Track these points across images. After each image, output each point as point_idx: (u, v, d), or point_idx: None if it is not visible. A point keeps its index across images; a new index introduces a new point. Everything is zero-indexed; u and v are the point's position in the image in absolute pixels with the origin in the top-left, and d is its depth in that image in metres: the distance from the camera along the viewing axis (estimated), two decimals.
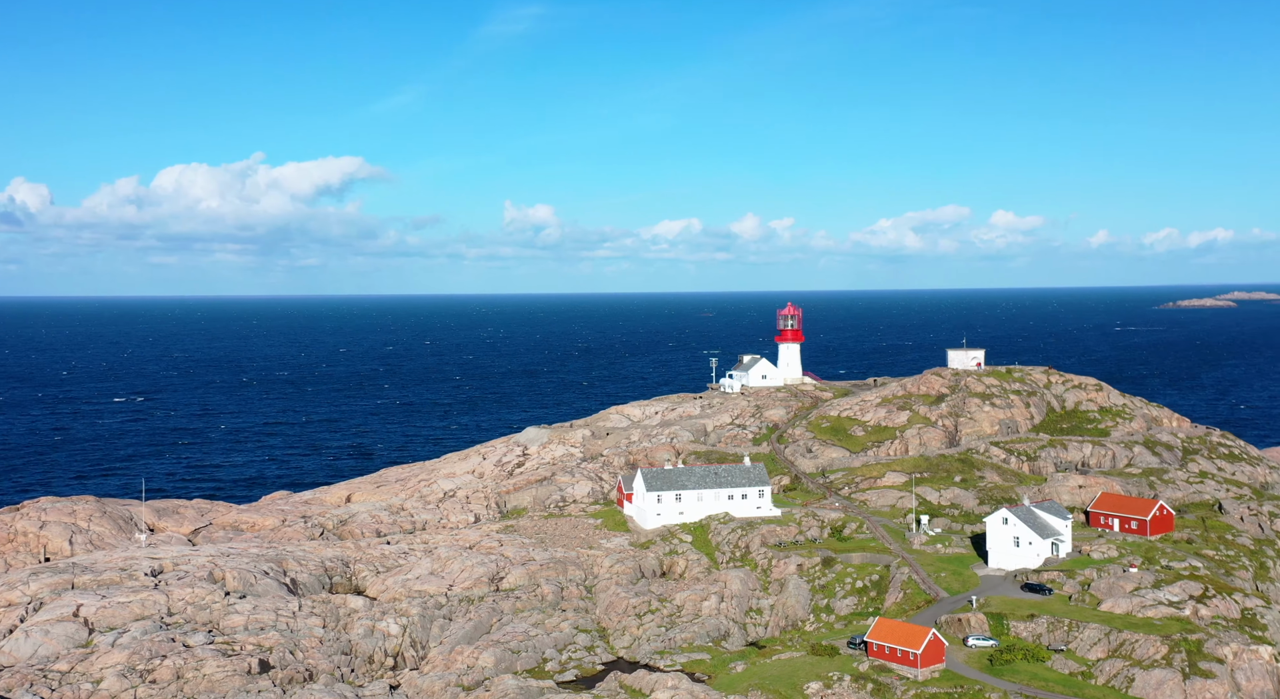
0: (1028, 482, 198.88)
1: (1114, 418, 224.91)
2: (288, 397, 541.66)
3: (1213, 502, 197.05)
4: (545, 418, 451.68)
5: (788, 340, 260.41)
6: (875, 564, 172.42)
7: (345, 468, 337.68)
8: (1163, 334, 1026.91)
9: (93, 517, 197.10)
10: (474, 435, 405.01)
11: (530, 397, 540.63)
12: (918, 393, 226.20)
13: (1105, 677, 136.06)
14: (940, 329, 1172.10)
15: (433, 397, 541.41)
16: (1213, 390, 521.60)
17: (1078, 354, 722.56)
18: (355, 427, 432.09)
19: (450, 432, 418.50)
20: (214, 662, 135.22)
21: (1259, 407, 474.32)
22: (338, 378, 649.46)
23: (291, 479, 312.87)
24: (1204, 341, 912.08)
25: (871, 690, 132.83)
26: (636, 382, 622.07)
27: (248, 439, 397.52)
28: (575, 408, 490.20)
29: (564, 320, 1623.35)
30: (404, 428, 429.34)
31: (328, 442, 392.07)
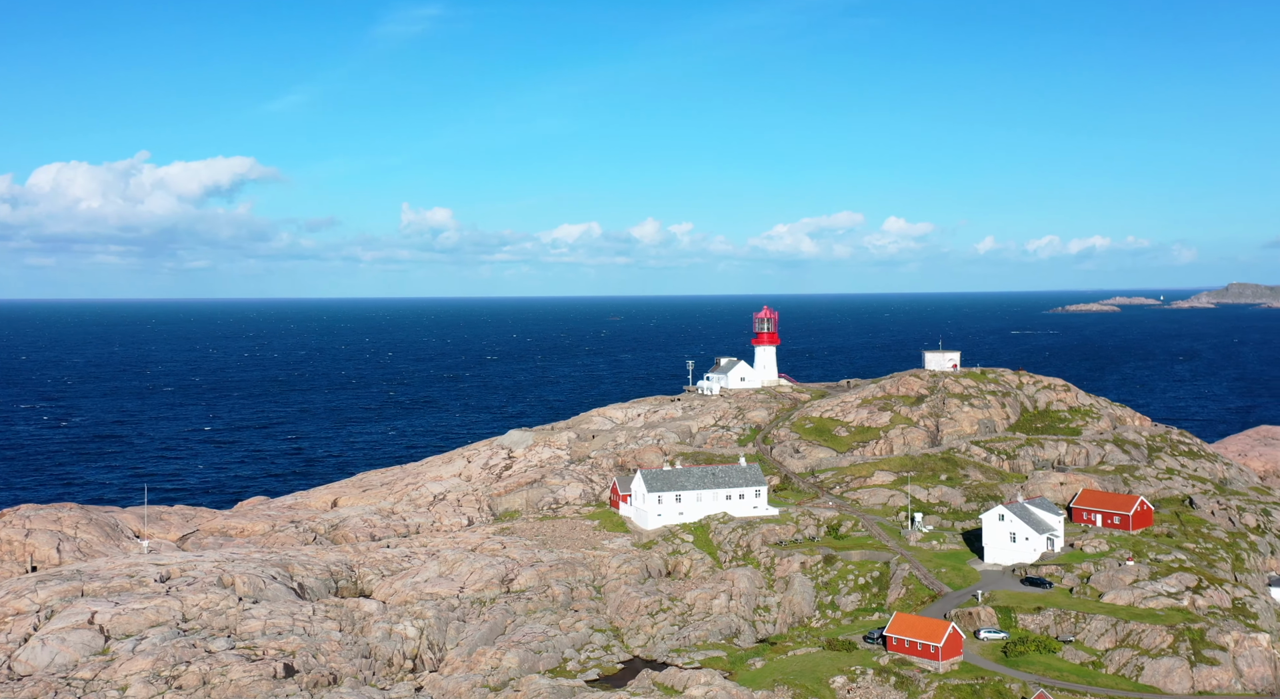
0: (1010, 479, 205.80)
1: (1083, 417, 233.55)
2: (209, 402, 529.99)
3: (1182, 497, 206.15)
4: (484, 422, 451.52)
5: (764, 343, 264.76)
6: (874, 561, 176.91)
7: (288, 473, 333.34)
8: (1058, 338, 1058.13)
9: (79, 524, 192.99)
10: (414, 440, 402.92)
11: (461, 401, 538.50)
12: (897, 394, 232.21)
13: (1115, 666, 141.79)
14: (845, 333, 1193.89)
15: (360, 401, 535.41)
16: (1117, 392, 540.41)
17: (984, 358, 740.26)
18: (288, 432, 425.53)
19: (389, 437, 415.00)
20: (239, 667, 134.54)
21: (1171, 406, 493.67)
22: (254, 383, 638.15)
23: (237, 487, 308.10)
24: (1098, 344, 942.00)
25: (895, 684, 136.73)
26: (565, 384, 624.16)
27: (179, 446, 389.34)
28: (511, 411, 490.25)
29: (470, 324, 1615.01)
30: (340, 433, 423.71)
31: (265, 448, 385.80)
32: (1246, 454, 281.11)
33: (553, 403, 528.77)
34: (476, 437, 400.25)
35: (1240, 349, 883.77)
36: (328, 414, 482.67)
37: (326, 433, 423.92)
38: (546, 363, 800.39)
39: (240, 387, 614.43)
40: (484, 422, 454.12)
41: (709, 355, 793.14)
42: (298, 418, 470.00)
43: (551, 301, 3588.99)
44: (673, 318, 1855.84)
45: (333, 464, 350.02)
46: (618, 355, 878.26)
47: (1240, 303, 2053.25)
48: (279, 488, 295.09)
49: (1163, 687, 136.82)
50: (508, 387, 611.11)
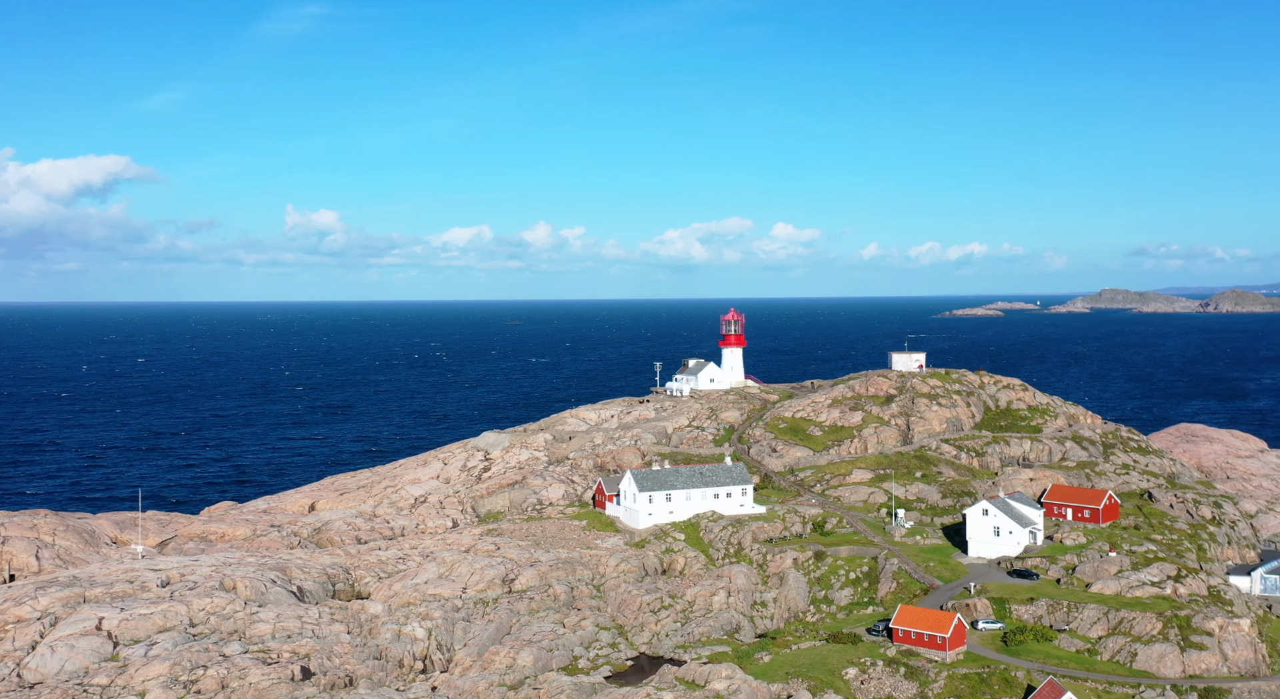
0: (981, 476, 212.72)
1: (1042, 416, 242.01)
2: (114, 409, 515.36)
3: (1141, 491, 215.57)
4: (418, 427, 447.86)
5: (731, 345, 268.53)
6: (863, 557, 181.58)
7: (226, 481, 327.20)
8: (952, 341, 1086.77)
9: (56, 530, 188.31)
10: (345, 446, 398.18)
11: (382, 406, 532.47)
12: (867, 394, 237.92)
13: (1109, 653, 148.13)
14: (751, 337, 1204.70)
15: (278, 407, 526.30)
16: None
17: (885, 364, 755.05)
18: (210, 439, 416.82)
19: (316, 443, 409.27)
20: (257, 670, 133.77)
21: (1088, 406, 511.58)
22: (158, 389, 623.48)
23: (178, 495, 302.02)
24: (990, 348, 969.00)
25: (905, 674, 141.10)
26: (485, 388, 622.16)
27: (100, 454, 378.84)
28: (436, 415, 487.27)
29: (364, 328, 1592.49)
30: (266, 439, 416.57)
31: (192, 455, 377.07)
32: (1172, 451, 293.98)
33: (481, 405, 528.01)
34: (414, 443, 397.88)
35: (1123, 352, 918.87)
36: (247, 420, 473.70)
37: (252, 439, 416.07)
38: (459, 366, 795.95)
39: (143, 392, 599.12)
40: (418, 427, 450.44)
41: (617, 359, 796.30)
42: (215, 424, 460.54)
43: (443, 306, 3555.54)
44: (572, 321, 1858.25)
45: (268, 471, 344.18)
46: (526, 359, 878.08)
47: (1112, 307, 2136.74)
48: (216, 496, 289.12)
49: (1156, 671, 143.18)
50: (424, 391, 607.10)
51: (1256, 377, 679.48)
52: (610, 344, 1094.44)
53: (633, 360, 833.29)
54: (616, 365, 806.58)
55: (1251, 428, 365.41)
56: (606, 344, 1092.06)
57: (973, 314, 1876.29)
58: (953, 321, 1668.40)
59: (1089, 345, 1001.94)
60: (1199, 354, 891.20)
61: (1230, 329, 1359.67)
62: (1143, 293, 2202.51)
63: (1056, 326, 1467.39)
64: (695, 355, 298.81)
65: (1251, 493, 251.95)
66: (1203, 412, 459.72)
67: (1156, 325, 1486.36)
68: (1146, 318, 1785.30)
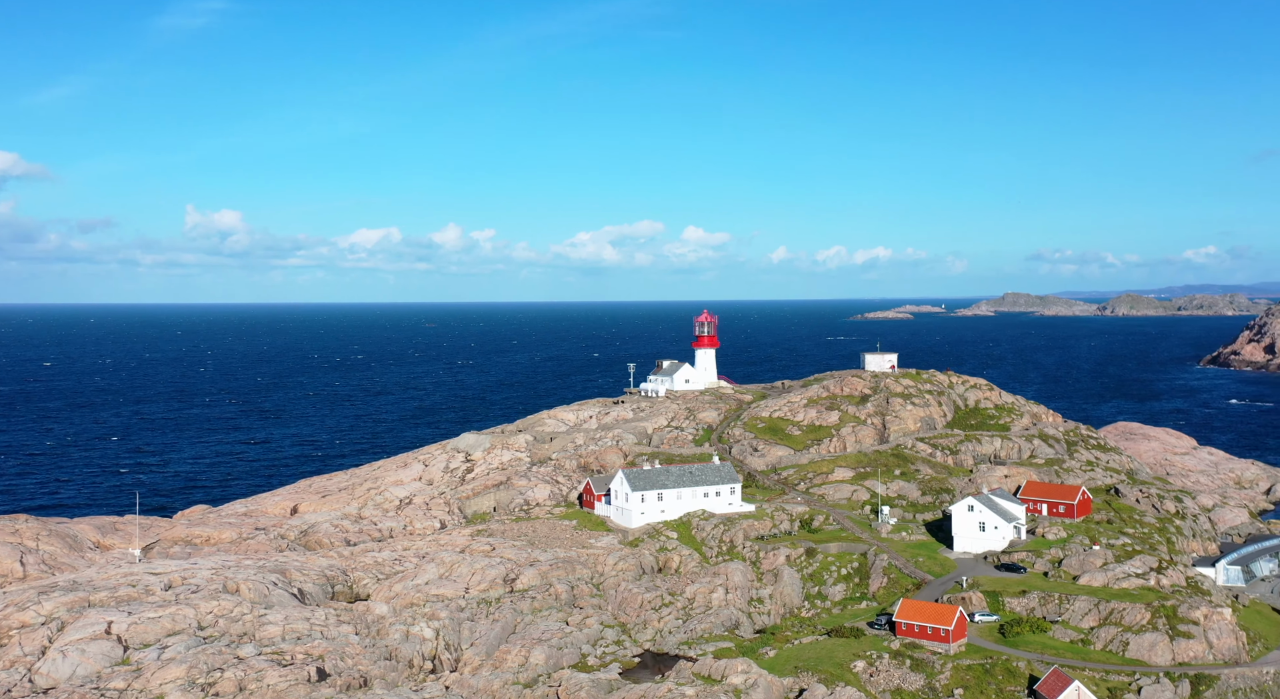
0: (957, 473, 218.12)
1: (1009, 414, 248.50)
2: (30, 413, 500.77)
3: (1107, 486, 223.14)
4: (350, 431, 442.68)
5: (704, 346, 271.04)
6: (852, 553, 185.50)
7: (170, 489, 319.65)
8: (868, 344, 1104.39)
9: (40, 535, 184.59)
10: (288, 450, 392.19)
11: (316, 410, 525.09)
12: (842, 393, 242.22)
13: (1102, 642, 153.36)
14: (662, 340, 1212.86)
15: (203, 411, 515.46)
16: None
17: (812, 365, 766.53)
18: (144, 443, 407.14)
19: (258, 447, 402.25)
20: (274, 672, 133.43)
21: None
22: (71, 393, 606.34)
23: (122, 501, 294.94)
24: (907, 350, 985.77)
25: (910, 666, 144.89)
26: (415, 391, 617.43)
27: (33, 459, 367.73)
28: (373, 419, 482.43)
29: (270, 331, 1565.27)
30: (204, 443, 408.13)
31: (127, 460, 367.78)
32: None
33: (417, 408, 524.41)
34: (358, 447, 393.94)
35: (1035, 354, 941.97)
36: (179, 425, 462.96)
37: (188, 444, 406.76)
38: (383, 369, 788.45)
39: (59, 397, 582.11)
40: (358, 431, 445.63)
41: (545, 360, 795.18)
42: (145, 429, 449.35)
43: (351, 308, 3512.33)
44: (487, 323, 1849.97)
45: (213, 476, 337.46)
46: (451, 362, 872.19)
47: (1015, 311, 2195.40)
48: (169, 503, 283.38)
49: (1148, 659, 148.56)
50: (355, 394, 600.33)
51: (1164, 377, 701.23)
52: (533, 347, 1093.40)
53: (558, 363, 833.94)
54: (545, 367, 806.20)
55: (1169, 427, 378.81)
56: (528, 347, 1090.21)
57: (884, 317, 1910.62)
58: (865, 324, 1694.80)
59: (1001, 347, 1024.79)
60: (1105, 356, 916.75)
61: (1128, 331, 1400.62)
62: (1043, 296, 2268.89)
63: (965, 329, 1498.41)
64: (621, 359, 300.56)
65: (1191, 488, 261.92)
66: (1120, 412, 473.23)
67: (1059, 328, 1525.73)
68: (1049, 320, 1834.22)
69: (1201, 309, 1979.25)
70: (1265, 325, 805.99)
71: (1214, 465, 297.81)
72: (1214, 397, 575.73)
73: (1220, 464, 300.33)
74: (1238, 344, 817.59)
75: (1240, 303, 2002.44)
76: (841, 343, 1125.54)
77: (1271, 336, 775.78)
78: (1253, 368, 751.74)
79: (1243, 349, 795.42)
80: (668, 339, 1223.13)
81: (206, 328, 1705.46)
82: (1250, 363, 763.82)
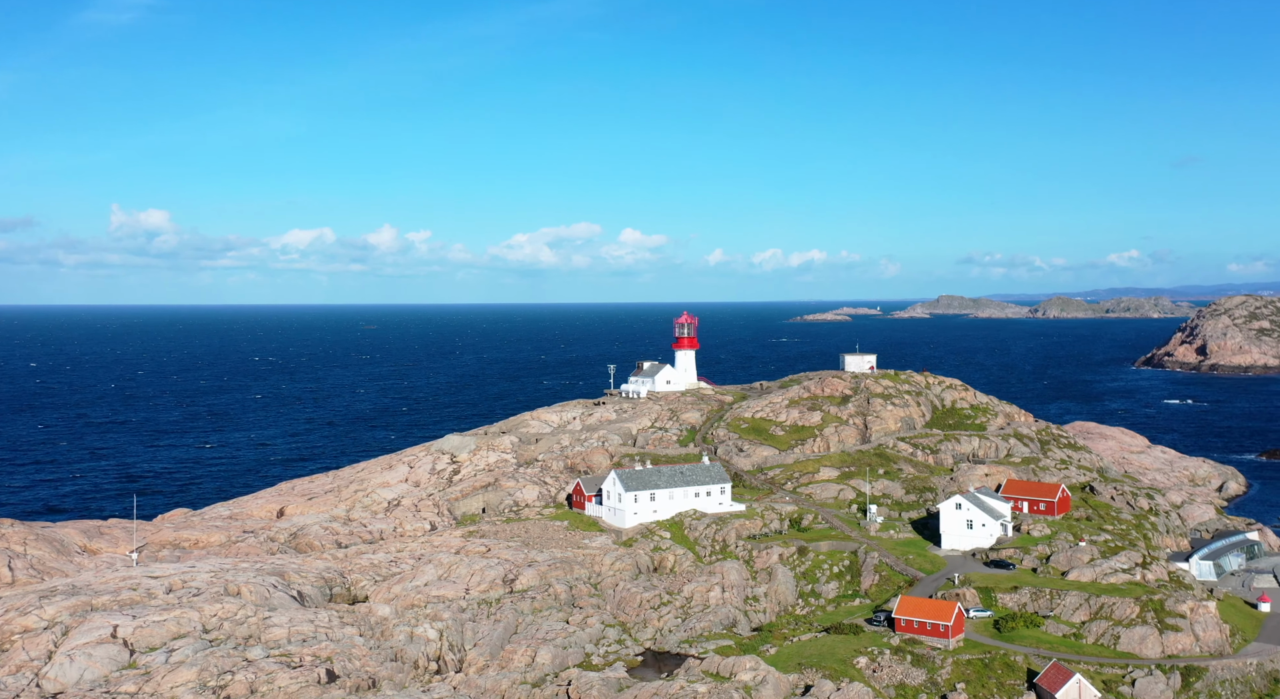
0: (938, 472, 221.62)
1: (984, 414, 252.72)
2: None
3: (1081, 484, 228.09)
4: (308, 434, 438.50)
5: (684, 347, 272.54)
6: (842, 551, 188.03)
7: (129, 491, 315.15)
8: (812, 345, 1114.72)
9: (27, 540, 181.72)
10: (242, 452, 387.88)
11: (265, 412, 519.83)
12: (823, 394, 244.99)
13: (1094, 636, 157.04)
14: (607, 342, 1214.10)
15: (149, 414, 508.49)
16: None
17: (759, 367, 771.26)
18: (96, 446, 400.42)
19: (212, 449, 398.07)
20: (284, 674, 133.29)
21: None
22: (7, 396, 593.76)
23: (69, 505, 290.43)
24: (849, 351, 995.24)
25: (912, 661, 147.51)
26: (366, 392, 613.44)
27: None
28: (324, 421, 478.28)
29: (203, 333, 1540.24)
30: (155, 446, 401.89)
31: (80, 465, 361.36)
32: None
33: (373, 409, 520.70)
34: (316, 450, 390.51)
35: (975, 355, 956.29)
36: (127, 429, 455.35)
37: (138, 448, 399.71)
38: (328, 371, 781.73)
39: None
40: (315, 434, 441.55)
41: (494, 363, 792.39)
42: (92, 432, 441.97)
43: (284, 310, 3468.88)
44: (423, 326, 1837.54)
45: (172, 480, 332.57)
46: (397, 364, 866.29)
47: (949, 313, 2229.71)
48: (112, 508, 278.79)
49: (1139, 652, 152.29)
50: (304, 396, 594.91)
51: (1103, 378, 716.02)
52: (477, 349, 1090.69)
53: (505, 366, 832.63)
54: (492, 369, 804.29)
55: (1123, 427, 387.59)
56: (472, 349, 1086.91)
57: (823, 319, 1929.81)
58: (805, 326, 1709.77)
59: (940, 349, 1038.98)
60: (1043, 357, 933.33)
61: (1061, 333, 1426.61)
62: (976, 299, 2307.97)
63: (903, 331, 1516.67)
64: (571, 361, 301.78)
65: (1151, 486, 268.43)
66: (1067, 412, 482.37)
67: (994, 330, 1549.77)
68: (983, 322, 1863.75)
69: (1128, 311, 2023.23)
70: (1196, 328, 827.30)
71: (1168, 464, 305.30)
72: (1152, 397, 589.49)
73: (1174, 462, 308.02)
74: (1170, 346, 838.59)
75: (1164, 305, 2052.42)
76: (785, 345, 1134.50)
77: (1202, 339, 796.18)
78: (1185, 369, 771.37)
79: (1175, 350, 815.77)
80: (612, 340, 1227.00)
81: (138, 330, 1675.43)
82: (1183, 364, 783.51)
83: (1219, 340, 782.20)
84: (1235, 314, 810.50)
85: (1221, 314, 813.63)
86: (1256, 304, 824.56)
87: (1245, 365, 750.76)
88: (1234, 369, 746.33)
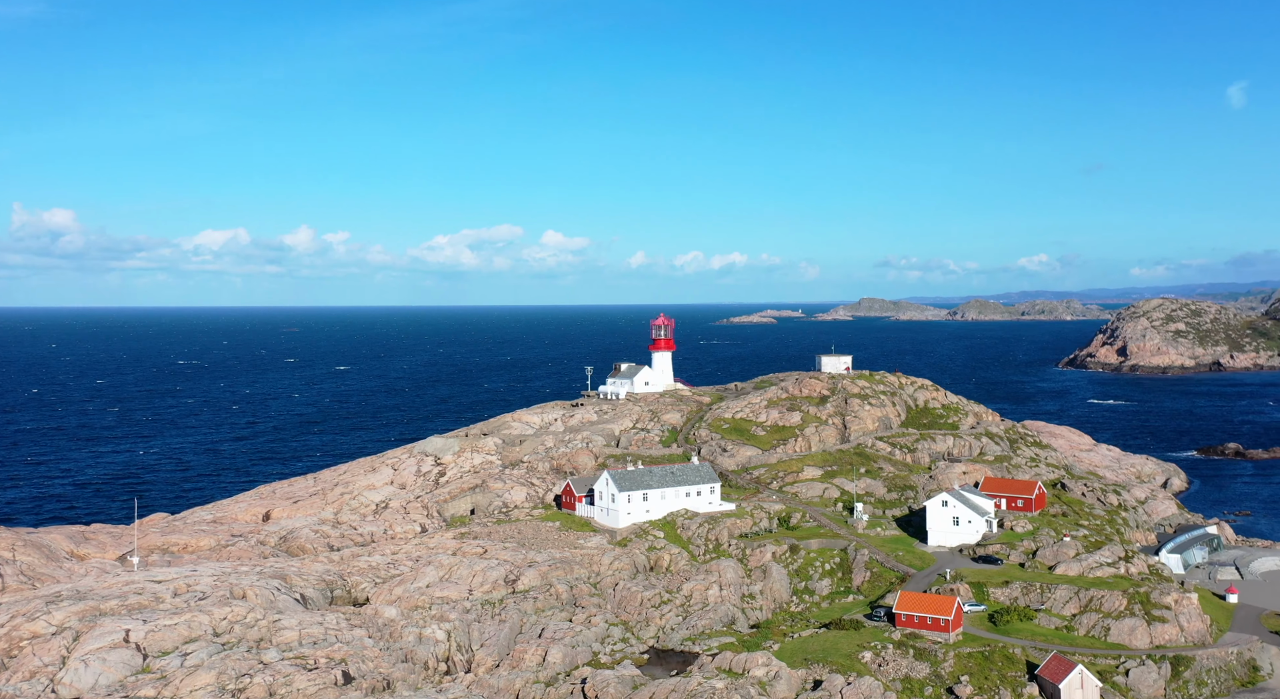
0: (916, 470, 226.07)
1: (956, 414, 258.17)
2: None
3: (1052, 481, 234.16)
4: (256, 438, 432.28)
5: (661, 349, 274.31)
6: (832, 548, 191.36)
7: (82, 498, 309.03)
8: (743, 347, 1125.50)
9: (15, 546, 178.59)
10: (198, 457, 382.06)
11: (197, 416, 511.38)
12: (801, 395, 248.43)
13: (1085, 628, 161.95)
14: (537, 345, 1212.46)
15: (75, 419, 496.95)
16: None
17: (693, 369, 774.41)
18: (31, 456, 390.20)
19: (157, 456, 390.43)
20: (302, 676, 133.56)
21: None
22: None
23: (15, 509, 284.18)
24: (781, 353, 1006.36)
25: (914, 655, 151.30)
26: (302, 396, 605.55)
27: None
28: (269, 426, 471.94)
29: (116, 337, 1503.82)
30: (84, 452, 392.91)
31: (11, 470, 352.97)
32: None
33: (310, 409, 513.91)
34: (269, 455, 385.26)
35: (902, 357, 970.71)
36: (65, 435, 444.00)
37: (82, 454, 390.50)
38: (258, 374, 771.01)
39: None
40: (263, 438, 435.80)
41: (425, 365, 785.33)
42: (28, 440, 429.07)
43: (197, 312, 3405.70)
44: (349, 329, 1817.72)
45: (118, 488, 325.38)
46: (331, 367, 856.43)
47: (871, 315, 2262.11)
48: (67, 515, 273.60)
49: (1129, 643, 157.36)
50: (239, 401, 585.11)
51: (1031, 379, 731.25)
52: (408, 352, 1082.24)
53: (441, 368, 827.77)
54: (425, 372, 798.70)
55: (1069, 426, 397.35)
56: (405, 352, 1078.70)
57: (749, 321, 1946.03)
58: (732, 328, 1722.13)
59: (869, 351, 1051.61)
60: (969, 359, 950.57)
61: (982, 335, 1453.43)
62: (897, 301, 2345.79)
63: (829, 333, 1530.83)
64: (507, 364, 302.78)
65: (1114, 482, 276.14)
66: (1004, 413, 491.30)
67: (916, 332, 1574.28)
68: (904, 325, 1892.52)
69: (1043, 314, 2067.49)
70: (1117, 330, 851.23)
71: (1115, 461, 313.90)
72: (1079, 397, 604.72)
73: (1120, 460, 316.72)
74: (1093, 347, 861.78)
75: (1075, 308, 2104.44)
76: (716, 346, 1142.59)
77: (1123, 340, 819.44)
78: (1107, 369, 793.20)
79: (1098, 352, 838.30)
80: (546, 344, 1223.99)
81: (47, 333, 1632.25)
82: (1105, 364, 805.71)
83: (1139, 342, 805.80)
84: (1153, 316, 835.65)
85: (1140, 316, 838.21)
86: (1172, 307, 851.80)
87: (1164, 366, 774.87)
88: (1153, 369, 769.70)
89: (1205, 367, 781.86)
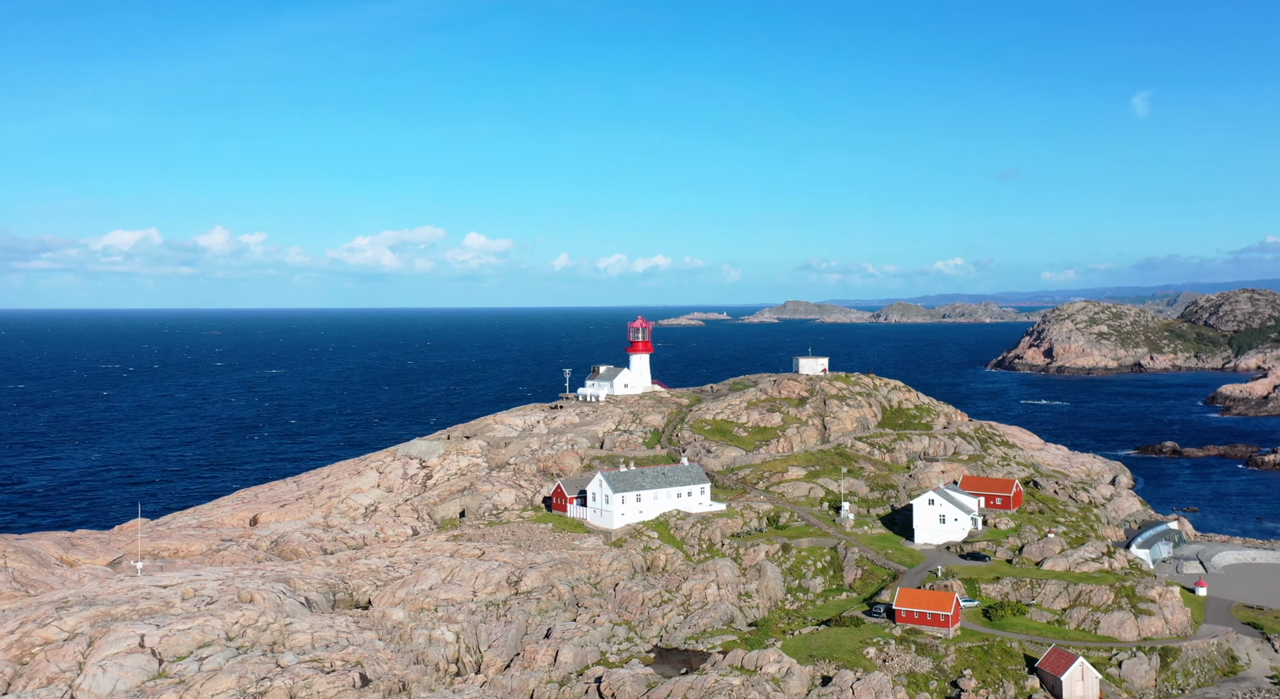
0: (896, 470, 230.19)
1: (929, 414, 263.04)
2: None
3: (1024, 480, 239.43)
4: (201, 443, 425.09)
5: (639, 351, 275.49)
6: (823, 547, 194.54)
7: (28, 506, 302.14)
8: (674, 349, 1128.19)
9: (6, 552, 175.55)
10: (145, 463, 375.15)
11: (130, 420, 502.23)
12: (780, 396, 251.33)
13: (1075, 622, 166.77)
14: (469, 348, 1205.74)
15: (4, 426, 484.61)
16: None
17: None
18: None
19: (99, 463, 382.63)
20: (321, 679, 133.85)
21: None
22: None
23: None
24: (713, 356, 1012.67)
25: (916, 650, 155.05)
26: (238, 399, 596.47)
27: None
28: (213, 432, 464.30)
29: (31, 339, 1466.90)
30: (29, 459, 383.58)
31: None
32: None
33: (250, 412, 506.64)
34: (216, 461, 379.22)
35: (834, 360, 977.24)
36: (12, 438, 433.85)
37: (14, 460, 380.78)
38: (190, 378, 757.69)
39: None
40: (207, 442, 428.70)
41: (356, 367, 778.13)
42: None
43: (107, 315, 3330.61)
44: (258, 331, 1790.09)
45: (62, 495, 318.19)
46: (263, 370, 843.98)
47: (796, 318, 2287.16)
48: (18, 526, 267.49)
49: (1118, 636, 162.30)
50: (169, 406, 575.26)
51: (962, 380, 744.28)
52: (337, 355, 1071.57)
53: (369, 371, 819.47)
54: (361, 375, 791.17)
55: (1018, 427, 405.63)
56: (331, 355, 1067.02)
57: (678, 323, 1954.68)
58: (661, 331, 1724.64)
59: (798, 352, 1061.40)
60: (899, 360, 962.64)
61: (906, 337, 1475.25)
62: (821, 304, 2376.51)
63: (758, 336, 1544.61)
64: (444, 368, 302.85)
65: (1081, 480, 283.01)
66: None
67: (842, 334, 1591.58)
68: (829, 327, 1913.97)
69: (963, 317, 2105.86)
70: (1043, 332, 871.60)
71: (1066, 460, 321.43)
72: (1012, 397, 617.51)
73: (1070, 458, 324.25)
74: (1020, 349, 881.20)
75: (994, 311, 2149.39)
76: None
77: (1049, 342, 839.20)
78: (1034, 370, 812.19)
79: (1025, 353, 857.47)
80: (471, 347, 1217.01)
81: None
82: (1032, 366, 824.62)
83: (1064, 344, 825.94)
84: (1077, 319, 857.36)
85: (1065, 319, 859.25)
86: (1095, 310, 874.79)
87: (1088, 367, 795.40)
88: (1079, 370, 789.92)
89: (1127, 367, 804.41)
